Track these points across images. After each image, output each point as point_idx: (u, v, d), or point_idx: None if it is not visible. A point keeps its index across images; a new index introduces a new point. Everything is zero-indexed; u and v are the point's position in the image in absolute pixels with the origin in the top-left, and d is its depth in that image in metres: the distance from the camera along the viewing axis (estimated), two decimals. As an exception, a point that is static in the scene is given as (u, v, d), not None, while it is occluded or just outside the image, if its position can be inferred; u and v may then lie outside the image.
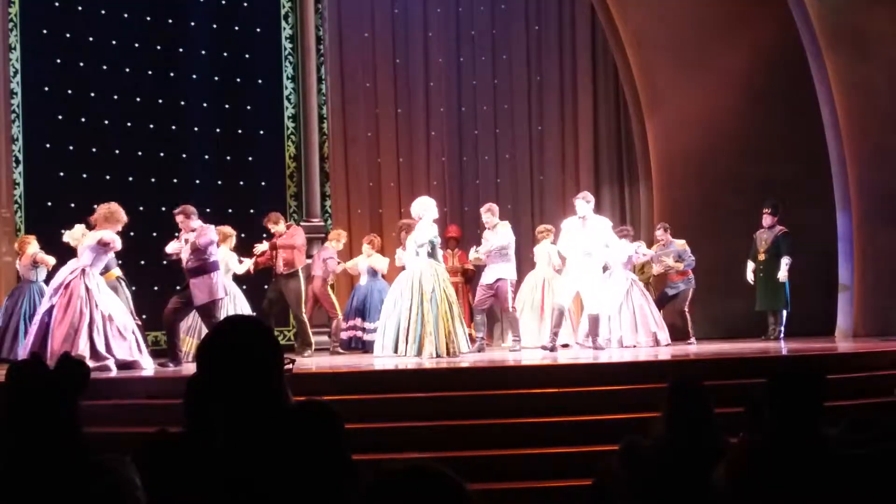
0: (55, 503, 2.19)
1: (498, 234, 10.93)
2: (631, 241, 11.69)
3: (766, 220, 12.08)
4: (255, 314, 10.45)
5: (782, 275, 11.83)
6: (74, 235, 9.35)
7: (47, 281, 10.72)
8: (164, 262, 10.22)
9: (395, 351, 9.64)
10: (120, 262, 10.53)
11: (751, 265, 12.14)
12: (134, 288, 10.81)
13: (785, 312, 12.03)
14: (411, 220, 10.75)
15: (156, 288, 11.82)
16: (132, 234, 10.23)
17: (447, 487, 1.53)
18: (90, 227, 9.35)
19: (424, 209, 9.91)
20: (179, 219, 9.64)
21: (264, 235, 11.75)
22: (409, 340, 9.47)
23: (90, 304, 8.84)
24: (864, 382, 7.86)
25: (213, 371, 2.24)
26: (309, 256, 11.95)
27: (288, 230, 11.38)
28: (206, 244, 9.38)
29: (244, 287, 11.48)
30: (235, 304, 10.92)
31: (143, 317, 11.30)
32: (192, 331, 10.65)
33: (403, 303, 9.59)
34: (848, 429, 3.49)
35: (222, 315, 9.94)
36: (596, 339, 10.53)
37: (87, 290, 8.90)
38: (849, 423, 3.53)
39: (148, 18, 12.57)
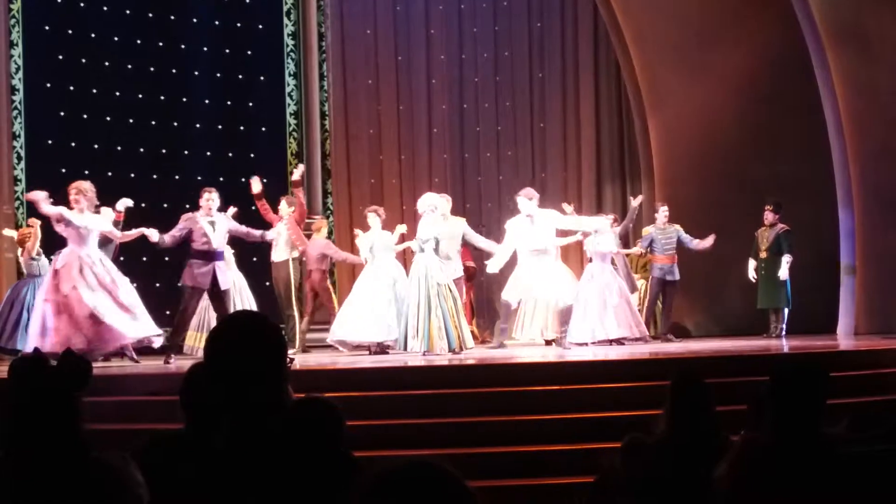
0: (56, 500, 2.19)
1: (446, 226, 10.48)
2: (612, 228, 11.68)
3: (769, 217, 12.07)
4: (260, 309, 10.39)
5: (783, 273, 11.83)
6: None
7: None
8: (165, 258, 10.22)
9: (405, 347, 9.63)
10: (122, 257, 10.52)
11: (752, 263, 12.14)
12: (136, 284, 10.81)
13: (786, 310, 12.03)
14: (378, 208, 10.82)
15: (157, 284, 11.84)
16: (133, 230, 10.21)
17: (448, 484, 1.53)
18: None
19: (429, 205, 9.91)
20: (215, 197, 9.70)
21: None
22: (417, 336, 9.45)
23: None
24: (865, 380, 7.85)
25: (218, 364, 2.24)
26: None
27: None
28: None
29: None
30: (242, 297, 10.81)
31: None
32: (200, 326, 10.57)
33: (410, 298, 9.57)
34: (850, 427, 3.49)
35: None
36: (564, 334, 10.35)
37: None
38: (850, 421, 3.53)
39: (150, 15, 12.58)
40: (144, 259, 11.76)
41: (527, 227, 10.36)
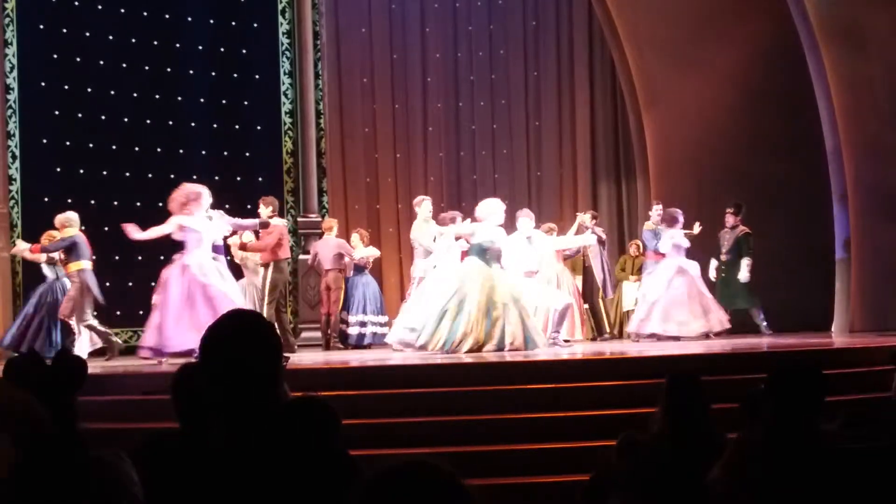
0: (52, 499, 2.19)
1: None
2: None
3: (729, 220, 12.07)
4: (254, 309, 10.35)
5: (743, 276, 11.80)
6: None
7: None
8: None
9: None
10: (117, 257, 10.51)
11: (714, 263, 12.15)
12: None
13: (755, 309, 12.00)
14: (454, 213, 10.60)
15: (153, 284, 11.79)
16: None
17: (444, 483, 1.53)
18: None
19: (490, 212, 9.73)
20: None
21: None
22: (437, 333, 9.37)
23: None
24: (860, 378, 7.86)
25: (213, 363, 2.24)
26: (305, 252, 11.92)
27: (267, 228, 10.91)
28: None
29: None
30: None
31: (141, 312, 11.28)
32: None
33: (441, 299, 9.47)
34: (844, 424, 3.50)
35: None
36: (556, 335, 10.32)
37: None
38: (845, 418, 3.54)
39: (145, 14, 12.56)
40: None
41: (524, 248, 10.29)
